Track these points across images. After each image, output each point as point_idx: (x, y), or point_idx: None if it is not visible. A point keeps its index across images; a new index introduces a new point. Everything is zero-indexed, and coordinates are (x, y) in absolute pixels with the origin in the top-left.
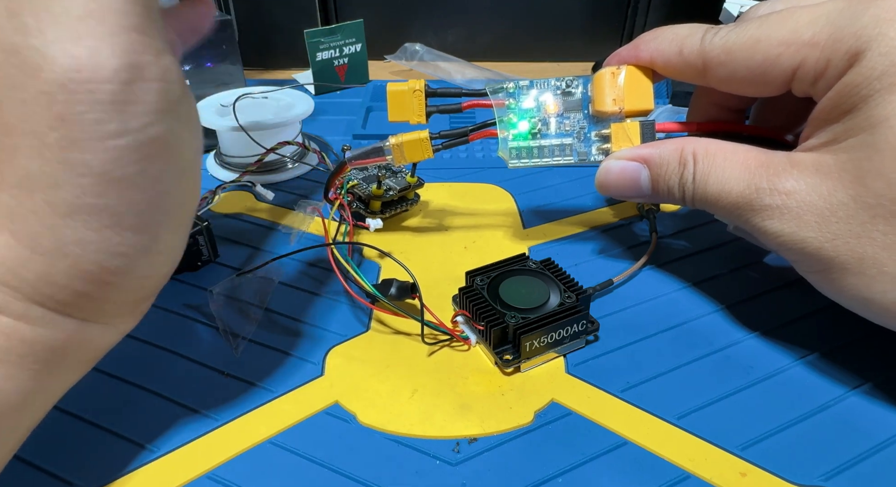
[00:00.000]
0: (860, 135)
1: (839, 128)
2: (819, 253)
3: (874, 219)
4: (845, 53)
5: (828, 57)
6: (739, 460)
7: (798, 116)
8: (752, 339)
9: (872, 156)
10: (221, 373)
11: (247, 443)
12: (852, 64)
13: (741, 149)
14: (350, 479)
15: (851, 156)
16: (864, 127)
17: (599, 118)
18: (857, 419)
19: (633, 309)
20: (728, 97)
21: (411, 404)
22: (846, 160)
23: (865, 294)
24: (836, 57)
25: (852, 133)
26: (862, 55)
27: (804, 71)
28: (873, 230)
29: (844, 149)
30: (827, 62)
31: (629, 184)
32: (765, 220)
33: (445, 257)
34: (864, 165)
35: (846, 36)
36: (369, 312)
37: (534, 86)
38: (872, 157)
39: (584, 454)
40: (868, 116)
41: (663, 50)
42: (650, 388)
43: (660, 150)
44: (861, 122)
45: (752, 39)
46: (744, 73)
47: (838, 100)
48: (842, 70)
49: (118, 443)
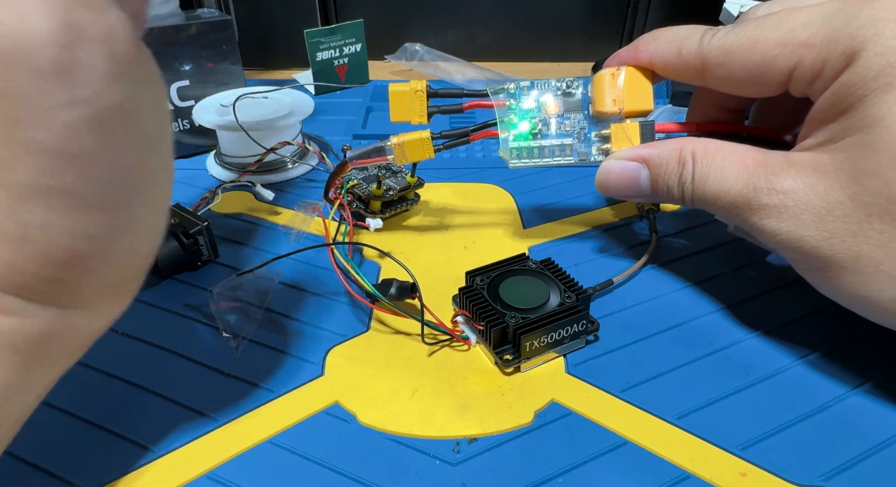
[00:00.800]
0: (856, 134)
1: (836, 127)
2: (816, 252)
3: (870, 218)
4: (841, 54)
5: (824, 57)
6: (739, 460)
7: (796, 117)
8: (752, 339)
9: (868, 156)
10: (221, 373)
11: (247, 443)
12: (848, 64)
13: (739, 149)
14: (350, 479)
15: (848, 156)
16: (861, 126)
17: (599, 118)
18: (857, 419)
19: (633, 309)
20: (727, 97)
21: (411, 404)
22: (843, 159)
23: (862, 292)
24: (833, 57)
25: (849, 132)
26: (858, 55)
27: (801, 71)
28: (869, 228)
29: (841, 148)
30: (823, 62)
31: (629, 184)
32: (762, 219)
33: (445, 257)
34: (860, 164)
35: (842, 36)
36: (369, 312)
37: (534, 86)
38: (868, 157)
39: (584, 454)
40: (864, 116)
41: (662, 51)
42: (650, 388)
43: (659, 150)
44: (857, 122)
45: (750, 40)
46: (742, 74)
47: (835, 100)
48: (838, 70)
49: (118, 443)
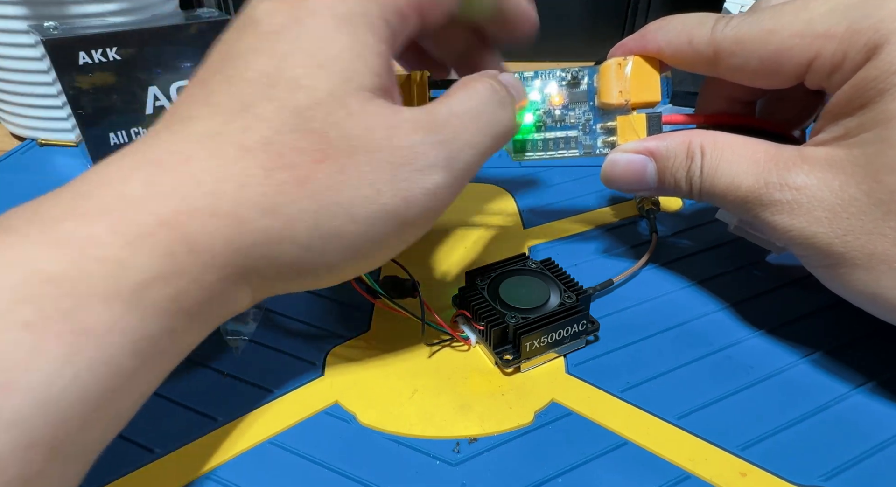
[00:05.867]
0: (874, 129)
1: (853, 122)
2: (829, 249)
3: (886, 216)
4: (863, 46)
5: (844, 50)
6: (739, 460)
7: (806, 111)
8: (753, 339)
9: (886, 152)
10: (221, 373)
11: (247, 443)
12: (869, 57)
13: (750, 143)
14: (350, 479)
15: (865, 152)
16: (879, 121)
17: (605, 110)
18: (857, 419)
19: (633, 309)
20: (738, 89)
21: (411, 404)
22: (859, 155)
23: (874, 289)
24: (854, 50)
25: (866, 128)
26: (880, 49)
27: (819, 63)
28: (885, 226)
29: (857, 143)
30: (843, 55)
31: (635, 178)
32: (774, 215)
33: (445, 257)
34: (877, 161)
35: (864, 29)
36: (369, 312)
37: (538, 77)
38: (886, 152)
39: (584, 454)
40: (883, 111)
41: (672, 39)
42: (650, 388)
43: (666, 143)
44: (876, 117)
45: (766, 30)
46: (756, 64)
47: (853, 94)
48: (858, 63)
49: (118, 443)
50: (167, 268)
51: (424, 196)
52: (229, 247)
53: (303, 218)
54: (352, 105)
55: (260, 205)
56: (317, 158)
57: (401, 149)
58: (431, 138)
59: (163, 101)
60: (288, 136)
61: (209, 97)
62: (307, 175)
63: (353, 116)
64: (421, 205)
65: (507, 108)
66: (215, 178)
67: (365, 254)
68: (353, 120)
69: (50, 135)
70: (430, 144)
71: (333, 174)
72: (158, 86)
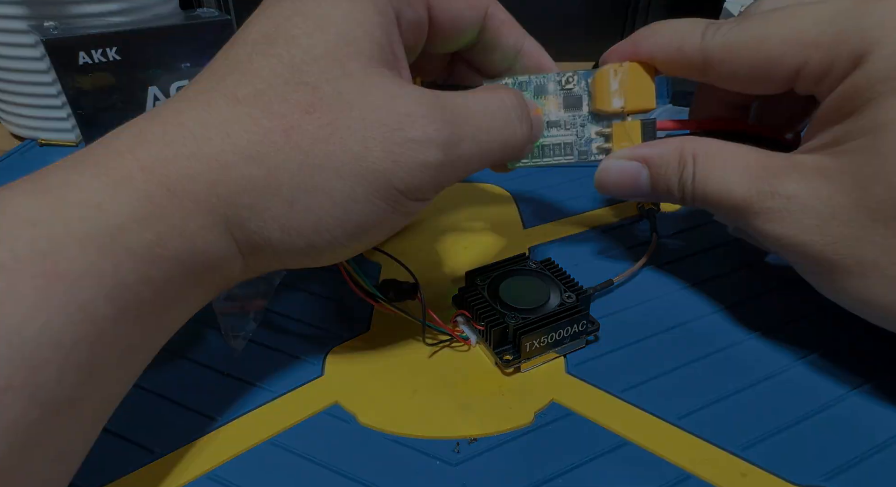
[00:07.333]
0: (862, 138)
1: (841, 130)
2: (820, 257)
3: (875, 224)
4: (849, 55)
5: (831, 58)
6: (739, 460)
7: (800, 114)
8: (753, 339)
9: (873, 161)
10: (221, 373)
11: (247, 443)
12: (857, 65)
13: (741, 150)
14: (350, 479)
15: (853, 160)
16: (867, 130)
17: (600, 116)
18: (857, 419)
19: (633, 309)
20: (731, 93)
21: (411, 404)
22: (847, 163)
23: (866, 296)
24: (840, 58)
25: (854, 136)
26: (867, 57)
27: (807, 71)
28: (874, 234)
29: (846, 151)
30: (830, 63)
31: (629, 184)
32: (765, 223)
33: (445, 257)
34: (865, 169)
35: (851, 37)
36: (369, 312)
37: (533, 82)
38: (873, 161)
39: (584, 454)
40: (870, 120)
41: (662, 46)
42: (650, 388)
43: (659, 150)
44: (864, 126)
45: (755, 37)
46: (746, 72)
47: (841, 102)
48: (846, 71)
49: (118, 443)
50: (144, 211)
51: (416, 166)
52: (212, 193)
53: (288, 167)
54: (350, 66)
55: (244, 152)
56: (306, 109)
57: (398, 114)
58: (434, 115)
59: (162, 101)
60: (280, 88)
61: (212, 64)
62: (294, 125)
63: (350, 77)
64: (410, 174)
65: (525, 125)
66: (202, 125)
67: (353, 220)
68: (349, 80)
69: (50, 135)
70: (431, 120)
71: (323, 126)
72: (158, 86)
